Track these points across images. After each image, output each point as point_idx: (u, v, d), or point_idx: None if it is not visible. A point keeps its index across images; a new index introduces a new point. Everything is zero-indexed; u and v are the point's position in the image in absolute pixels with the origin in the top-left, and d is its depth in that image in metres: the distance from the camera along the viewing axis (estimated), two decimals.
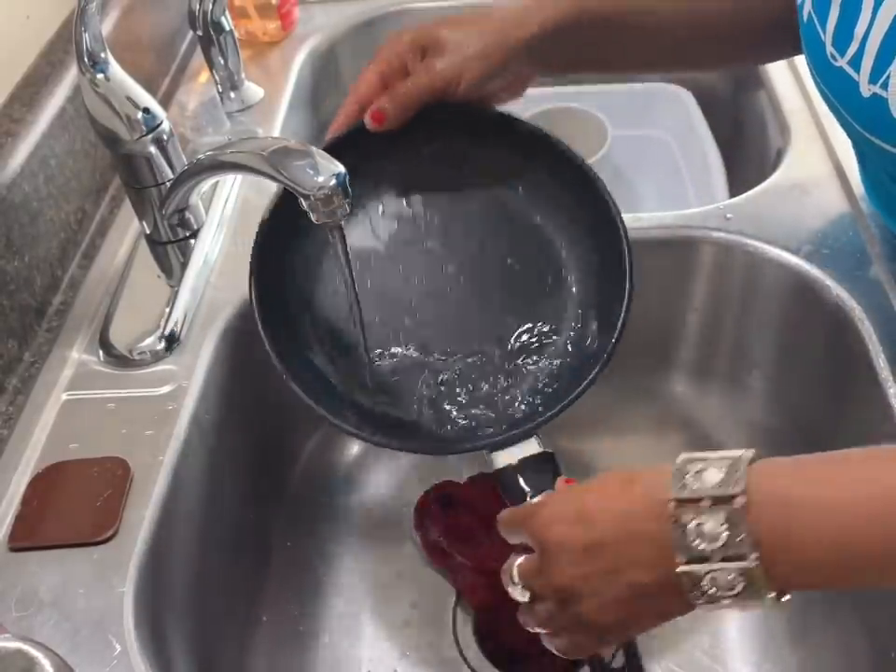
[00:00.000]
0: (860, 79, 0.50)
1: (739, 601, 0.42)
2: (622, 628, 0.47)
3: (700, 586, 0.42)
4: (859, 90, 0.50)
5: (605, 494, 0.46)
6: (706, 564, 0.41)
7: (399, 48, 0.60)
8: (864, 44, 0.49)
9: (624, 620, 0.46)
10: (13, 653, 0.39)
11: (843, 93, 0.53)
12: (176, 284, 0.71)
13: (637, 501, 0.44)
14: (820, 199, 0.74)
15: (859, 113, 0.52)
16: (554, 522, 0.47)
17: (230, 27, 0.90)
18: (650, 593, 0.44)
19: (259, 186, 0.80)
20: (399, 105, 0.59)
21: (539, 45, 0.60)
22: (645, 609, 0.46)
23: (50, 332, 0.69)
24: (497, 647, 0.68)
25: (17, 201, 0.67)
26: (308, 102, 1.01)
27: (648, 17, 0.63)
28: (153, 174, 0.69)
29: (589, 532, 0.45)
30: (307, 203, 0.54)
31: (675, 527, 0.42)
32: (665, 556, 0.42)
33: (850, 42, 0.50)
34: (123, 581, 0.53)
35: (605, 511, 0.46)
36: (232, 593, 0.69)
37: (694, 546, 0.41)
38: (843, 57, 0.51)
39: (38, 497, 0.57)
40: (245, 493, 0.72)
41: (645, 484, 0.45)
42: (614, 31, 0.63)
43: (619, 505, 0.45)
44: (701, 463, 0.43)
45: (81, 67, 0.64)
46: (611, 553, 0.45)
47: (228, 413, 0.68)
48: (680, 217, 0.75)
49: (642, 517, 0.44)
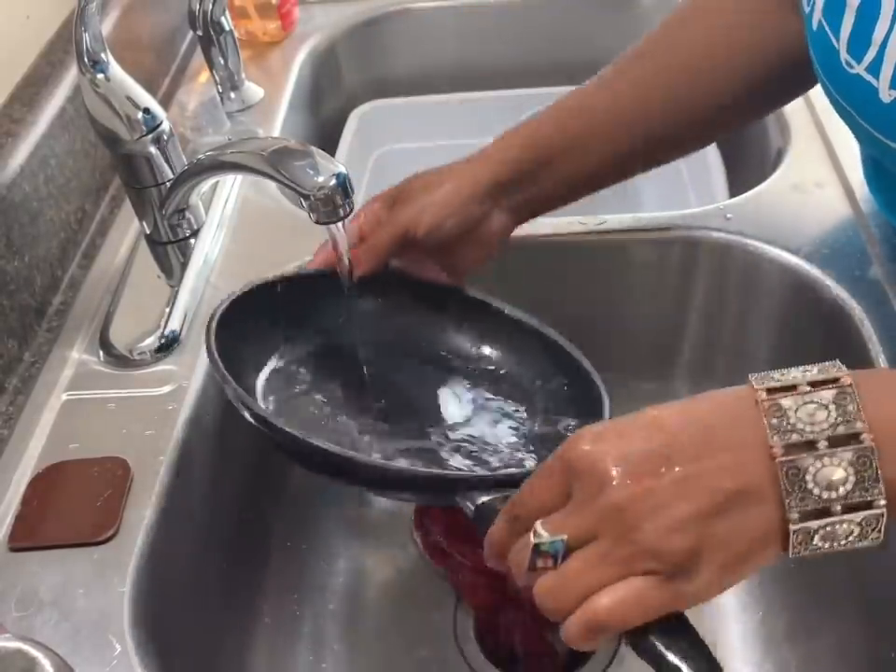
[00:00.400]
0: (879, 85, 0.49)
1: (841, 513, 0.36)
2: (697, 562, 0.36)
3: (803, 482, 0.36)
4: (878, 96, 0.50)
5: (666, 406, 0.39)
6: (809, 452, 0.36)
7: (372, 207, 0.63)
8: (884, 49, 0.49)
9: (702, 546, 0.36)
10: (13, 653, 0.39)
11: (860, 101, 0.52)
12: (176, 284, 0.71)
13: (713, 404, 0.39)
14: (820, 199, 0.74)
15: (878, 119, 0.52)
16: (602, 436, 0.38)
17: (230, 27, 0.90)
18: (737, 502, 0.36)
19: (259, 186, 0.80)
20: (368, 253, 0.62)
21: (493, 192, 0.62)
22: (729, 528, 0.36)
23: (50, 332, 0.69)
24: (497, 647, 0.68)
25: (17, 201, 0.67)
26: (308, 102, 1.01)
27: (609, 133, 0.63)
28: (153, 174, 0.69)
29: (653, 437, 0.37)
30: (307, 203, 0.54)
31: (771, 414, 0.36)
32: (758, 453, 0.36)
33: (868, 48, 0.50)
34: (123, 581, 0.53)
35: (672, 415, 0.38)
36: (232, 593, 0.69)
37: (797, 427, 0.36)
38: (859, 63, 0.51)
39: (38, 497, 0.57)
40: (245, 493, 0.72)
41: (719, 393, 0.39)
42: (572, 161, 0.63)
43: (688, 411, 0.39)
44: (783, 370, 0.38)
45: (81, 67, 0.64)
46: (685, 458, 0.37)
47: (228, 413, 0.68)
48: (680, 217, 0.75)
49: (724, 415, 0.38)
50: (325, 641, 0.71)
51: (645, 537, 0.36)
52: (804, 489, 0.36)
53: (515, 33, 1.09)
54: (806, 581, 0.69)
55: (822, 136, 0.80)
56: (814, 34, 0.55)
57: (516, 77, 1.06)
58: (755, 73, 0.62)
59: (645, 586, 0.37)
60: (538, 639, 0.67)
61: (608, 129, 0.63)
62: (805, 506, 0.36)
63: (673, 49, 0.63)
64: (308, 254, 0.74)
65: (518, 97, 1.01)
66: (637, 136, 0.63)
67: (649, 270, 0.75)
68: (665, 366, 0.82)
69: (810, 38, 0.56)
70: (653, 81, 0.63)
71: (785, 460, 0.36)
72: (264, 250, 0.75)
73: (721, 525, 0.37)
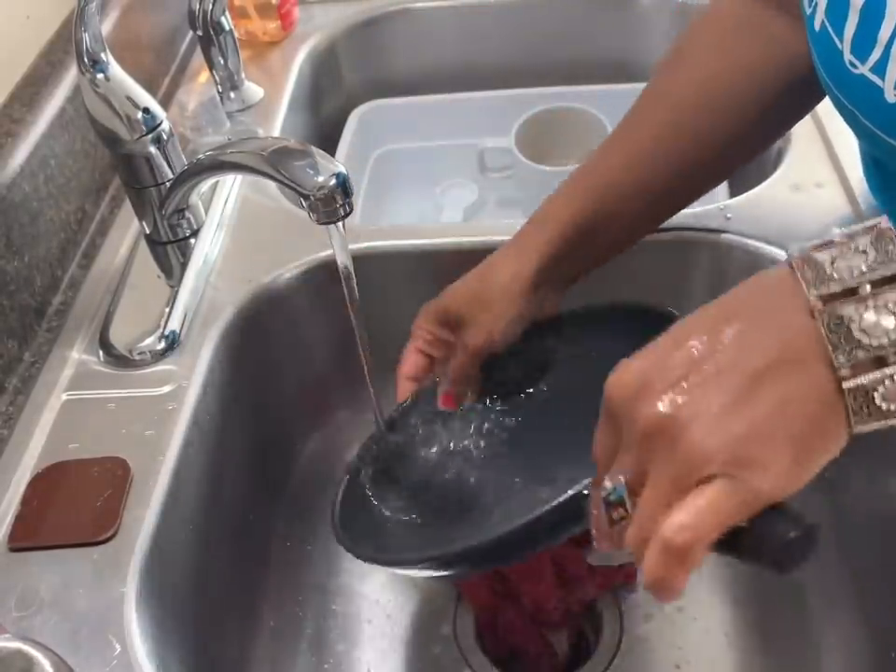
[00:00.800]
0: (885, 85, 0.49)
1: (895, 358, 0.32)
2: (757, 453, 0.34)
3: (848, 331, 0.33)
4: (883, 96, 0.50)
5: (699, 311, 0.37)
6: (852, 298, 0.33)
7: (428, 325, 0.63)
8: (889, 49, 0.48)
9: (754, 431, 0.34)
10: (13, 653, 0.39)
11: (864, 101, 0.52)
12: (176, 284, 0.71)
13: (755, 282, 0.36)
14: (820, 199, 0.74)
15: (883, 119, 0.51)
16: (626, 368, 0.37)
17: (229, 27, 0.90)
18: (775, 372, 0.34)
19: (259, 186, 0.80)
20: (460, 385, 0.63)
21: (544, 280, 0.62)
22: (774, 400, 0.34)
23: (50, 332, 0.69)
24: (497, 647, 0.68)
25: (17, 201, 0.67)
26: (308, 102, 1.01)
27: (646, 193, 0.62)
28: (153, 174, 0.69)
29: (679, 341, 0.36)
30: (307, 203, 0.54)
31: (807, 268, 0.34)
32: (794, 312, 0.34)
33: (873, 48, 0.49)
34: (123, 581, 0.53)
35: (703, 313, 0.36)
36: (233, 593, 0.69)
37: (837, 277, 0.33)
38: (864, 64, 0.50)
39: (38, 497, 0.57)
40: (245, 493, 0.72)
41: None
42: (611, 228, 0.63)
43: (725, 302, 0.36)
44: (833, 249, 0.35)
45: (81, 67, 0.64)
46: (711, 349, 0.35)
47: (228, 413, 0.68)
48: (680, 217, 0.75)
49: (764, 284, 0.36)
50: (326, 641, 0.71)
51: (693, 445, 0.34)
52: (851, 339, 0.33)
53: (515, 33, 1.09)
54: (806, 580, 0.69)
55: (822, 136, 0.80)
56: (816, 35, 0.55)
57: (516, 77, 1.06)
58: (766, 91, 0.61)
59: (715, 492, 0.34)
60: (538, 639, 0.67)
61: (635, 204, 0.62)
62: (857, 357, 0.33)
63: (680, 90, 0.63)
64: (308, 254, 0.74)
65: (518, 97, 1.01)
66: (664, 193, 0.63)
67: (649, 270, 0.75)
68: None
69: (812, 40, 0.56)
70: (670, 131, 0.62)
71: (825, 309, 0.33)
72: (264, 250, 0.75)
73: (765, 404, 0.34)
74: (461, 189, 1.03)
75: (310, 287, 0.74)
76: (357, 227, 0.81)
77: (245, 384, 0.71)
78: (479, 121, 1.02)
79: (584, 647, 0.68)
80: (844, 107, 0.55)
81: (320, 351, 0.79)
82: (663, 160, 0.62)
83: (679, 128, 0.62)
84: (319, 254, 0.74)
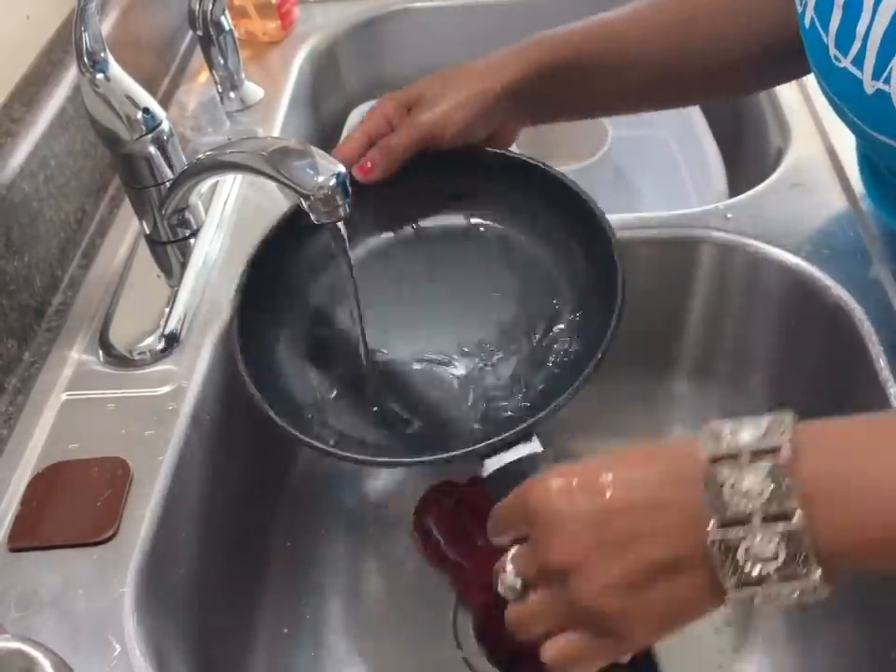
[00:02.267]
0: (863, 77, 0.50)
1: (778, 581, 0.36)
2: (627, 623, 0.39)
3: (734, 559, 0.36)
4: (863, 87, 0.51)
5: (619, 461, 0.41)
6: (741, 528, 0.36)
7: (384, 108, 0.62)
8: (866, 41, 0.50)
9: (630, 610, 0.39)
10: (13, 653, 0.39)
11: (847, 93, 0.53)
12: (176, 284, 0.71)
13: (660, 466, 0.39)
14: (820, 199, 0.74)
15: (864, 111, 0.52)
16: (553, 491, 0.41)
17: (229, 27, 0.90)
18: (667, 572, 0.38)
19: (259, 186, 0.80)
20: (386, 156, 0.61)
21: (517, 92, 0.62)
22: (659, 596, 0.38)
23: (50, 332, 0.69)
24: (497, 647, 0.68)
25: (17, 201, 0.67)
26: (308, 102, 1.01)
27: (628, 56, 0.64)
28: (153, 174, 0.69)
29: (595, 500, 0.39)
30: (307, 203, 0.54)
31: (708, 486, 0.36)
32: (691, 524, 0.37)
33: (853, 41, 0.51)
34: (123, 581, 0.53)
35: (618, 478, 0.40)
36: (232, 593, 0.69)
37: (732, 503, 0.36)
38: (846, 57, 0.52)
39: (38, 497, 0.57)
40: (245, 493, 0.72)
41: (671, 449, 0.40)
42: (591, 74, 0.64)
43: (635, 472, 0.40)
44: (735, 424, 0.38)
45: (81, 67, 0.64)
46: (621, 524, 0.39)
47: (228, 413, 0.68)
48: (680, 217, 0.75)
49: (666, 480, 0.38)
50: (325, 641, 0.71)
51: (580, 597, 0.39)
52: (735, 564, 0.36)
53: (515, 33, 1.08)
54: None
55: (822, 136, 0.80)
56: (807, 31, 0.56)
57: None
58: (769, 34, 0.62)
59: (582, 640, 0.41)
60: None
61: (632, 56, 0.63)
62: (738, 578, 0.37)
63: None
64: None
65: None
66: (656, 69, 0.64)
67: (649, 270, 0.75)
68: (665, 366, 0.82)
69: (804, 36, 0.57)
70: (673, 26, 0.64)
71: (717, 539, 0.36)
72: None
73: (650, 592, 0.38)
74: None
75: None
76: None
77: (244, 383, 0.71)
78: None
79: None
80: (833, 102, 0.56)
81: None
82: (676, 38, 0.63)
83: (700, 22, 0.63)
84: None
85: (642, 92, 0.67)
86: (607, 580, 0.39)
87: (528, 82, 0.62)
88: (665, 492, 0.38)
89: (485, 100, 0.61)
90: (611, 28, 0.64)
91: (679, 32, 0.64)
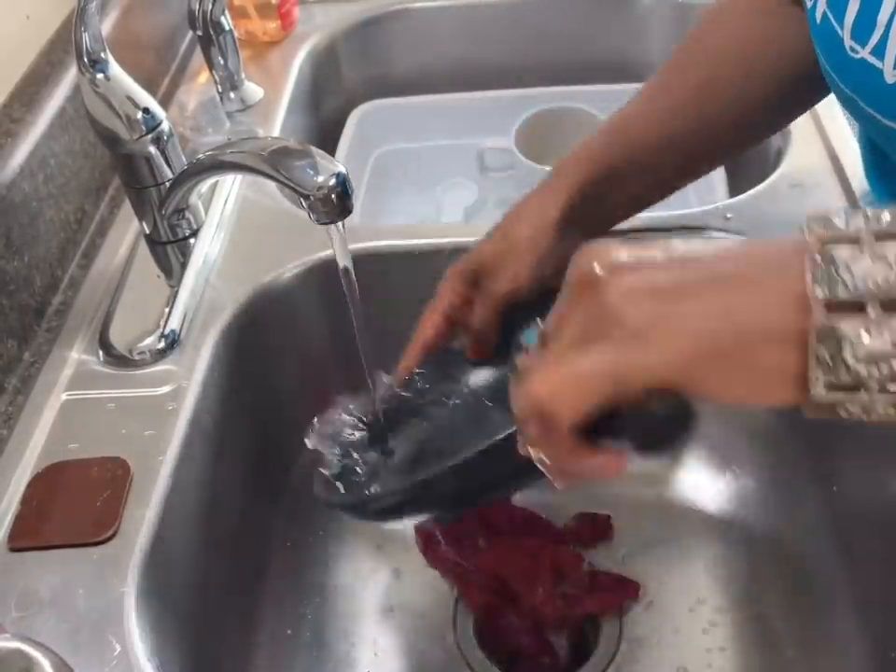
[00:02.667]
0: (884, 67, 0.50)
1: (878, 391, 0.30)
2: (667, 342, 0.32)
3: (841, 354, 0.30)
4: (883, 77, 0.50)
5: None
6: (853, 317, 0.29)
7: (454, 285, 0.61)
8: (889, 30, 0.49)
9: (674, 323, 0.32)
10: (13, 653, 0.39)
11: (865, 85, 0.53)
12: (176, 284, 0.71)
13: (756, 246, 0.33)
14: (820, 199, 0.74)
15: (883, 102, 0.52)
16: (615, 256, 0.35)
17: (229, 27, 0.90)
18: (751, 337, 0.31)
19: (259, 186, 0.80)
20: (484, 338, 0.61)
21: (569, 222, 0.61)
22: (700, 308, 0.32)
23: (50, 332, 0.69)
24: (497, 647, 0.68)
25: (17, 201, 0.67)
26: (308, 102, 1.01)
27: (653, 156, 0.63)
28: (153, 174, 0.69)
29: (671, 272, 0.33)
30: (307, 203, 0.54)
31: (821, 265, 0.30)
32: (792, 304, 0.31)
33: (873, 31, 0.50)
34: (123, 581, 0.53)
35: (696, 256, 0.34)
36: (232, 593, 0.69)
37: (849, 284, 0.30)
38: (864, 48, 0.51)
39: (38, 497, 0.57)
40: (245, 493, 0.72)
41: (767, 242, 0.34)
42: (627, 181, 0.63)
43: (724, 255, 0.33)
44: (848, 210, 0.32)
45: (81, 67, 0.64)
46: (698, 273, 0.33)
47: (228, 413, 0.68)
48: (680, 217, 0.75)
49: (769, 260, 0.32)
50: (326, 641, 0.71)
51: (611, 305, 0.33)
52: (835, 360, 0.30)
53: (515, 33, 1.09)
54: (805, 579, 0.69)
55: (822, 136, 0.80)
56: (818, 27, 0.56)
57: (516, 77, 1.06)
58: (784, 74, 0.62)
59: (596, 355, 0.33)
60: (538, 639, 0.67)
61: (655, 155, 0.62)
62: (836, 380, 0.30)
63: (702, 63, 0.63)
64: (308, 254, 0.74)
65: (518, 97, 1.01)
66: (684, 152, 0.63)
67: None
68: None
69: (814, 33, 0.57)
70: (688, 100, 0.63)
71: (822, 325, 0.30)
72: (264, 250, 0.75)
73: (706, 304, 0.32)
74: (461, 189, 1.03)
75: (310, 287, 0.74)
76: (356, 227, 0.81)
77: (244, 383, 0.71)
78: (479, 121, 1.02)
79: (584, 647, 0.68)
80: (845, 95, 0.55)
81: (320, 351, 0.79)
82: (694, 115, 0.62)
83: (715, 83, 0.62)
84: (319, 254, 0.74)
85: (682, 174, 0.66)
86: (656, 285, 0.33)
87: (572, 211, 0.61)
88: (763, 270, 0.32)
89: (540, 245, 0.60)
90: (630, 136, 0.63)
91: (697, 101, 0.62)
